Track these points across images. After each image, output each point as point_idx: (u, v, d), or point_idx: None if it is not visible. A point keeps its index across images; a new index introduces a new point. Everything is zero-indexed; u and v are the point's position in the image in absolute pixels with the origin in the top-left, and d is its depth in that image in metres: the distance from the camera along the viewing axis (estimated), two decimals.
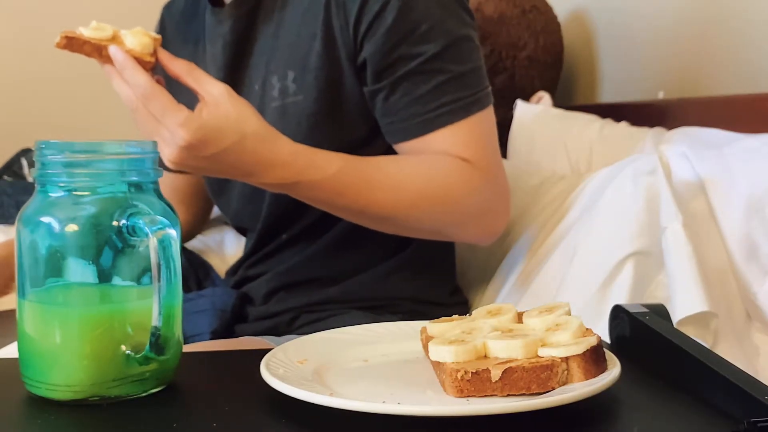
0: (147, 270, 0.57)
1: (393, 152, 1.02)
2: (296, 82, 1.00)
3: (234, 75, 1.06)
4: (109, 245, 0.58)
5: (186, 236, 1.35)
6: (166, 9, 1.21)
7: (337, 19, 0.97)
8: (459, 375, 0.53)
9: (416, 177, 0.96)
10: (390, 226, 0.99)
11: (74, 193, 0.58)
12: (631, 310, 0.67)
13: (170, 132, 0.85)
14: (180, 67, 0.90)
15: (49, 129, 2.15)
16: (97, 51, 0.88)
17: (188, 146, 0.85)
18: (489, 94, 1.01)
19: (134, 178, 0.59)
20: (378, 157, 0.97)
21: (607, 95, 1.75)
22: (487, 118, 1.00)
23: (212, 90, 0.88)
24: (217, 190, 1.16)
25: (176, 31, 1.17)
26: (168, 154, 0.86)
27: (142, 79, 0.86)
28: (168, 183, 1.26)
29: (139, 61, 0.88)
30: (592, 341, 0.56)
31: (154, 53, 0.90)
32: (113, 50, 0.87)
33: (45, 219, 0.58)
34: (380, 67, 0.97)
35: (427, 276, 1.08)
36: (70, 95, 2.17)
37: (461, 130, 0.97)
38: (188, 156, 0.86)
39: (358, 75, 0.99)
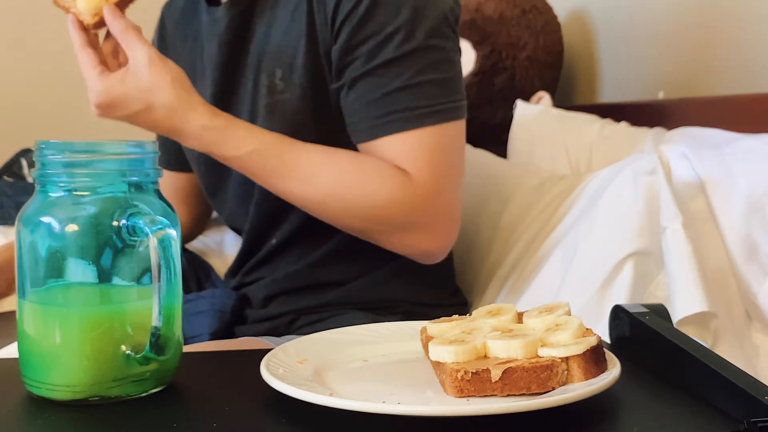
0: (147, 270, 0.58)
1: None
2: (283, 80, 1.00)
3: (229, 74, 1.07)
4: (109, 245, 0.58)
5: (188, 237, 1.35)
6: (167, 7, 1.22)
7: (318, 15, 0.97)
8: (459, 375, 0.53)
9: (331, 174, 0.95)
10: (314, 215, 0.98)
11: (74, 193, 0.58)
12: (631, 310, 0.67)
13: (88, 91, 0.93)
14: (117, 28, 0.93)
15: (49, 129, 2.15)
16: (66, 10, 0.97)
17: (97, 105, 0.93)
18: (454, 108, 0.97)
19: (134, 178, 0.59)
20: (307, 145, 0.96)
21: (607, 95, 1.76)
22: (445, 132, 0.96)
23: (136, 56, 0.92)
24: (213, 191, 1.16)
25: (176, 29, 1.18)
26: (90, 107, 0.94)
27: (73, 39, 0.94)
28: (170, 183, 1.26)
29: (80, 21, 0.95)
30: (592, 341, 0.56)
31: (99, 13, 0.94)
32: (69, 15, 0.95)
33: (45, 219, 0.58)
34: (341, 65, 0.96)
35: (425, 280, 1.08)
36: (70, 95, 2.16)
37: (409, 141, 0.94)
38: (102, 113, 0.94)
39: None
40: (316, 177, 0.95)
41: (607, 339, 0.71)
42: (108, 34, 0.97)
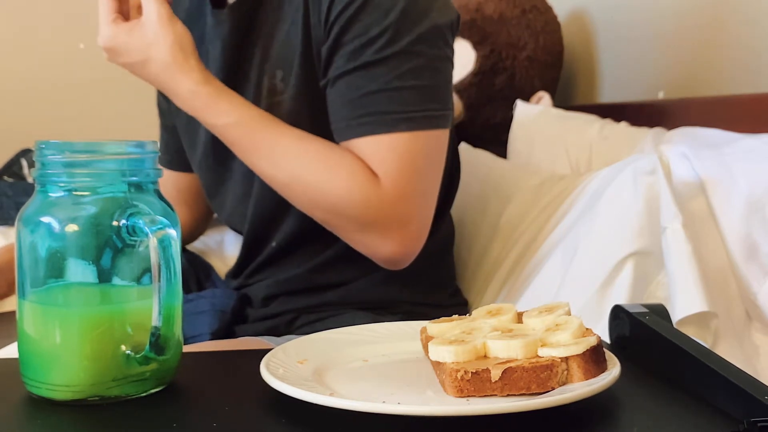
0: (147, 270, 0.58)
1: None
2: (283, 81, 1.01)
3: (232, 76, 1.07)
4: (109, 245, 0.58)
5: (189, 237, 1.34)
6: (172, 8, 1.21)
7: (313, 16, 0.98)
8: (459, 375, 0.53)
9: (300, 159, 0.95)
10: (283, 197, 0.99)
11: (74, 193, 0.58)
12: (631, 310, 0.67)
13: (99, 33, 0.98)
14: None
15: (49, 129, 2.15)
16: None
17: (104, 48, 0.98)
18: (431, 117, 0.95)
19: (134, 178, 0.59)
20: (287, 129, 0.97)
21: (607, 95, 1.76)
22: (419, 140, 0.95)
23: (147, 10, 0.95)
24: (212, 192, 1.16)
25: None
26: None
27: None
28: (171, 183, 1.27)
29: None
30: (591, 341, 0.56)
31: None
32: None
33: (45, 219, 0.58)
34: (327, 63, 0.97)
35: (425, 281, 1.08)
36: (70, 96, 2.17)
37: (381, 144, 0.94)
38: (108, 57, 0.99)
39: None
40: (283, 160, 0.95)
41: (607, 339, 0.71)
42: None
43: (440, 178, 1.01)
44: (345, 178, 0.94)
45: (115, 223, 0.57)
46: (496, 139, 1.65)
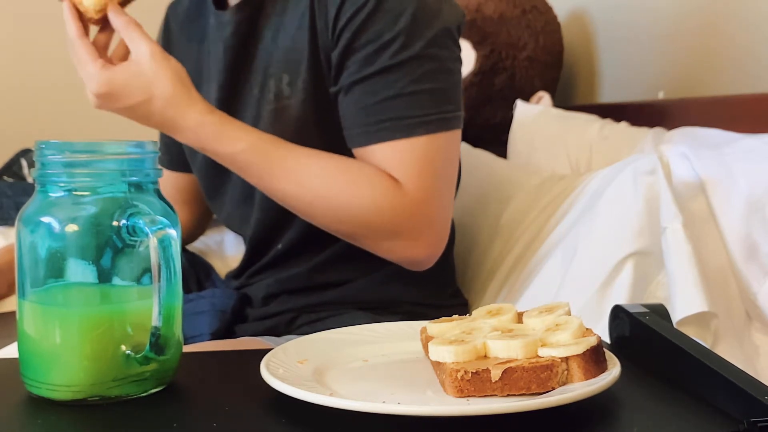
0: (147, 270, 0.58)
1: None
2: (290, 85, 1.01)
3: (235, 78, 1.07)
4: (109, 245, 0.58)
5: (189, 237, 1.34)
6: (171, 8, 1.21)
7: (320, 21, 0.98)
8: (459, 375, 0.53)
9: (320, 177, 0.95)
10: (303, 217, 0.99)
11: (74, 193, 0.58)
12: (631, 310, 0.68)
13: (85, 80, 0.94)
14: (120, 23, 0.95)
15: (49, 129, 2.15)
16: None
17: (97, 95, 0.94)
18: (446, 119, 0.96)
19: (134, 178, 0.59)
20: (298, 148, 0.96)
21: (607, 95, 1.76)
22: (436, 142, 0.95)
23: (138, 49, 0.93)
24: (212, 194, 1.16)
25: (180, 30, 1.18)
26: (88, 97, 0.95)
27: (70, 29, 0.95)
28: (171, 183, 1.27)
29: (83, 14, 0.96)
30: (592, 341, 0.56)
31: (103, 10, 0.96)
32: (65, 4, 0.97)
33: (45, 219, 0.58)
34: (339, 69, 0.97)
35: (425, 281, 1.08)
36: (70, 96, 2.16)
37: (399, 149, 0.94)
38: (101, 104, 0.95)
39: None
40: (304, 179, 0.95)
41: (607, 339, 0.71)
42: (102, 28, 0.98)
43: (456, 177, 1.02)
44: (368, 190, 0.94)
45: (115, 223, 0.57)
46: (496, 139, 1.65)
